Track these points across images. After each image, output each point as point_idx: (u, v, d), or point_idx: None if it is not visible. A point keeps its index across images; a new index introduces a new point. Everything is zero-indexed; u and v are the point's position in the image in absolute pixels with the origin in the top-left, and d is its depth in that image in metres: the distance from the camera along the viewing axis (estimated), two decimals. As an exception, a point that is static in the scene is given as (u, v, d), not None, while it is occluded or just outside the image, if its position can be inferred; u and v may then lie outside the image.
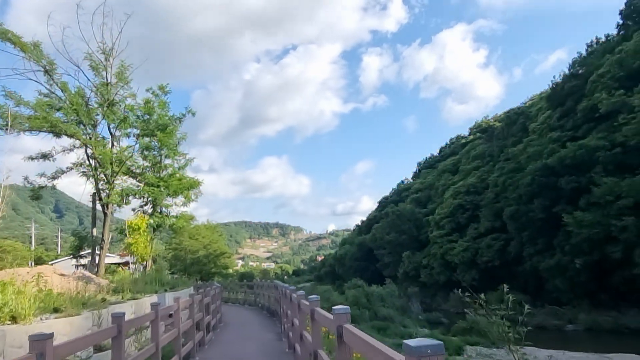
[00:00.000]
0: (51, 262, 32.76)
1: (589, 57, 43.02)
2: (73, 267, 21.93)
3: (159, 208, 22.46)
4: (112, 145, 19.87)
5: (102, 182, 19.43)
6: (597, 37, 45.46)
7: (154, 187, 21.12)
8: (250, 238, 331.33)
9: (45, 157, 18.99)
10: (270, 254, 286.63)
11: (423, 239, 59.20)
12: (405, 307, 31.49)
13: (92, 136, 19.07)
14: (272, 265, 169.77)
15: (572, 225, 31.16)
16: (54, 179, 19.69)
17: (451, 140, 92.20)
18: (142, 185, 21.59)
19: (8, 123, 15.96)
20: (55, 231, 79.20)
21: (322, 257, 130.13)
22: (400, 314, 26.35)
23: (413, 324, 23.97)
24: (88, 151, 19.02)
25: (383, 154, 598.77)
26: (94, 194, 19.62)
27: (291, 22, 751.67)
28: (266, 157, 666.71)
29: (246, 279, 41.04)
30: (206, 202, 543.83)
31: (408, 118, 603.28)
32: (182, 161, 23.55)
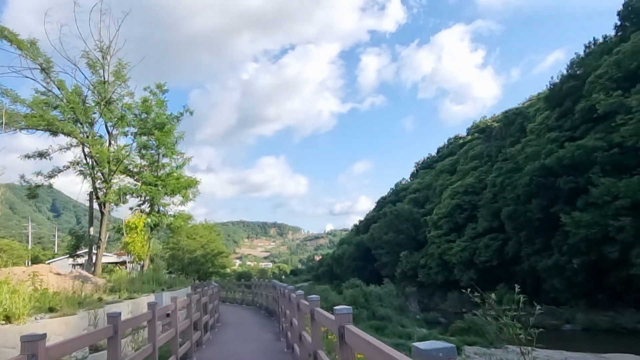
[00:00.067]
0: (48, 261, 32.65)
1: (587, 58, 43.12)
2: (70, 267, 21.79)
3: (157, 207, 22.43)
4: (110, 143, 19.73)
5: (99, 181, 19.27)
6: (595, 38, 45.65)
7: (152, 186, 21.07)
8: (248, 238, 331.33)
9: (42, 156, 18.82)
10: (268, 254, 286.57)
11: (421, 239, 59.26)
12: (403, 307, 31.46)
13: (89, 134, 18.92)
14: (270, 265, 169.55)
15: (570, 225, 31.23)
16: (51, 178, 19.53)
17: (449, 140, 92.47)
18: (140, 184, 21.52)
19: (3, 121, 15.80)
20: (52, 230, 79.05)
21: (320, 257, 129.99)
22: (398, 314, 26.30)
23: (411, 324, 23.92)
24: (85, 150, 18.84)
25: (381, 154, 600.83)
26: (91, 193, 19.46)
27: (289, 22, 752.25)
28: (264, 157, 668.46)
29: (244, 279, 40.97)
30: (204, 202, 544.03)
31: (406, 118, 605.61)
32: (180, 160, 23.56)
